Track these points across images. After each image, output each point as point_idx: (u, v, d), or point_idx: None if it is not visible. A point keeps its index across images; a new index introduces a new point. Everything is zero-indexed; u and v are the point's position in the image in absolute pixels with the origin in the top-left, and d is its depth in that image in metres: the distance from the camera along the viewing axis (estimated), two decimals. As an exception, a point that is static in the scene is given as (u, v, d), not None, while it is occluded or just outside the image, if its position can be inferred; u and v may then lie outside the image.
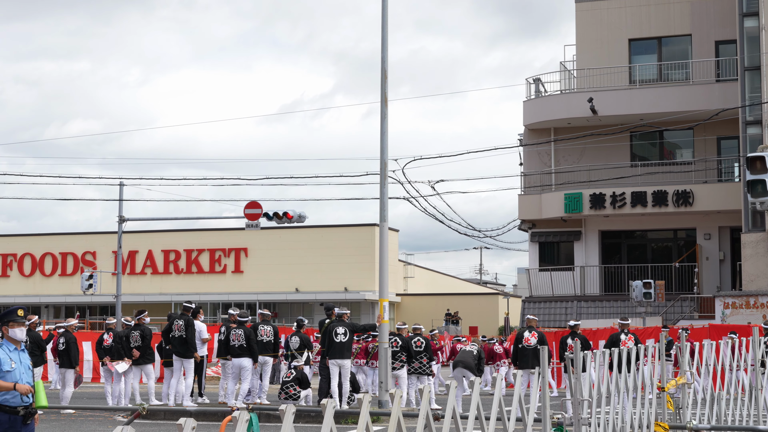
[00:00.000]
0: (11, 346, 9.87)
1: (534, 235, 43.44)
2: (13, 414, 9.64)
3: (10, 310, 9.98)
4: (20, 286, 67.25)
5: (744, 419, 11.29)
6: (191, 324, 21.89)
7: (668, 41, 42.59)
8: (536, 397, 7.26)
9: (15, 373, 9.69)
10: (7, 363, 9.69)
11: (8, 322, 9.90)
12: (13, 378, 9.64)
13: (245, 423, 3.84)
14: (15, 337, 9.90)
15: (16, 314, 9.96)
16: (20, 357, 9.89)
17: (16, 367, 9.74)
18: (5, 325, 9.92)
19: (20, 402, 9.69)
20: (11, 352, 9.84)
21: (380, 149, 21.49)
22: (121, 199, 37.92)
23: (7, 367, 9.67)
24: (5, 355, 9.77)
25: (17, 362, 9.79)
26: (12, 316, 9.93)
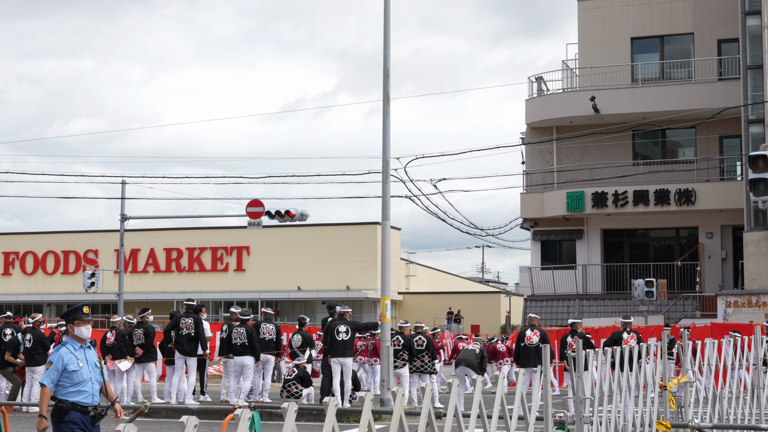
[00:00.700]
0: (76, 345, 9.60)
1: (536, 234, 43.43)
2: (84, 414, 9.43)
3: (76, 307, 9.68)
4: (22, 284, 67.30)
5: (746, 418, 11.29)
6: (200, 322, 21.91)
7: (670, 40, 42.56)
8: (538, 395, 7.26)
9: (82, 372, 9.43)
10: (73, 362, 9.42)
11: (74, 320, 9.60)
12: (79, 377, 9.39)
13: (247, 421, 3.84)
14: (81, 335, 9.61)
15: (82, 311, 9.65)
16: (86, 355, 9.61)
17: (83, 366, 9.47)
18: (70, 323, 9.62)
19: (91, 402, 9.49)
20: (77, 350, 9.57)
21: (382, 148, 21.49)
22: (123, 197, 37.95)
23: (73, 367, 9.41)
24: (70, 354, 9.49)
25: (83, 361, 9.51)
26: (78, 314, 9.63)
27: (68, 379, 9.38)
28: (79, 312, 9.62)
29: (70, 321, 9.60)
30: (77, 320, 9.57)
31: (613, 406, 8.23)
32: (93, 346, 9.91)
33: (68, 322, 9.62)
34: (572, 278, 41.96)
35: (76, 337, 9.60)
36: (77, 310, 9.63)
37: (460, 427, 5.07)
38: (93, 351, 9.73)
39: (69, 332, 9.63)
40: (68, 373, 9.36)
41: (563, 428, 8.72)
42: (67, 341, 9.58)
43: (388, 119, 21.51)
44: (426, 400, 4.63)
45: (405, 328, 23.89)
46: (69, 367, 9.36)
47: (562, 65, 43.77)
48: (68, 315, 9.65)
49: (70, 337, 9.61)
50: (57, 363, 9.36)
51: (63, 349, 9.49)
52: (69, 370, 9.36)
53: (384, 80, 21.58)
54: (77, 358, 9.46)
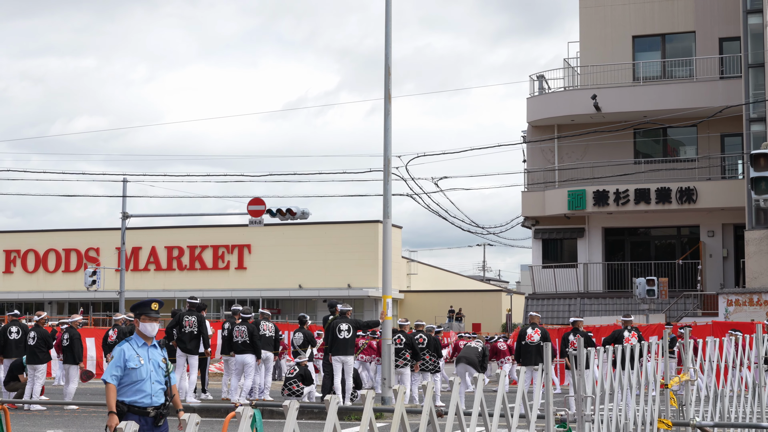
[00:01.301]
0: (140, 341, 9.09)
1: (537, 232, 43.43)
2: (143, 415, 8.93)
3: (144, 302, 9.18)
4: (24, 282, 67.34)
5: (747, 416, 11.30)
6: (203, 320, 21.90)
7: (672, 38, 42.54)
8: (539, 393, 7.26)
9: (141, 370, 8.92)
10: (133, 359, 8.92)
11: (140, 315, 9.10)
12: (139, 376, 8.90)
13: (248, 419, 3.84)
14: (146, 332, 9.10)
15: (150, 307, 9.14)
16: (149, 353, 9.08)
17: (144, 365, 8.96)
18: (137, 317, 9.12)
19: (150, 402, 8.97)
20: (140, 347, 9.06)
21: (384, 146, 21.49)
22: (124, 195, 37.97)
23: (133, 364, 8.91)
24: (132, 351, 9.00)
25: (146, 359, 9.00)
26: (145, 309, 9.12)
27: (127, 376, 8.95)
28: (146, 307, 9.13)
29: (137, 316, 9.13)
30: (144, 316, 9.09)
31: (614, 405, 8.23)
32: (160, 345, 9.31)
33: (135, 316, 9.16)
34: (573, 277, 41.96)
35: (141, 334, 9.11)
36: (145, 305, 9.15)
37: (461, 426, 5.07)
38: (158, 350, 9.21)
39: (135, 328, 9.15)
40: (127, 370, 8.93)
41: (565, 426, 8.72)
42: (132, 337, 9.14)
43: (390, 117, 21.51)
44: (427, 398, 4.63)
45: (405, 326, 23.89)
46: (129, 363, 8.91)
47: (563, 63, 43.77)
48: (135, 309, 9.19)
49: (136, 333, 9.15)
50: (118, 359, 8.93)
51: (126, 345, 9.04)
52: (128, 367, 8.92)
53: (385, 78, 21.57)
54: (139, 355, 8.99)
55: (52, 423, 18.23)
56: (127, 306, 40.03)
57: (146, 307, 9.09)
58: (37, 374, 21.49)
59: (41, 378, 21.59)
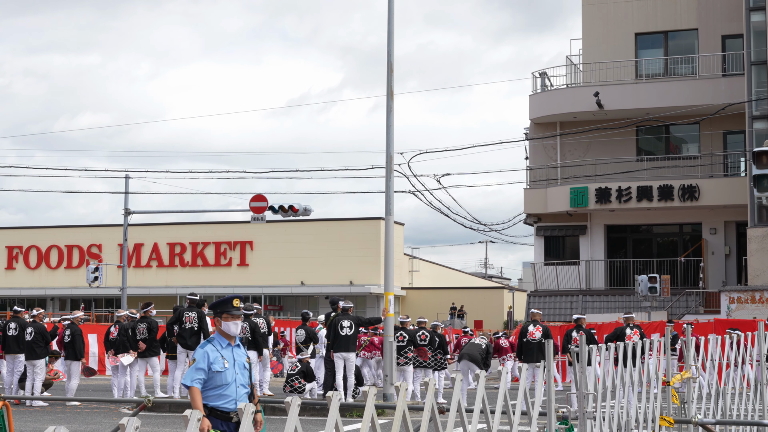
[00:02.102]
0: (224, 342, 8.48)
1: (539, 229, 43.42)
2: (226, 420, 8.35)
3: (225, 299, 8.63)
4: (26, 279, 67.40)
5: (749, 414, 11.30)
6: (203, 316, 21.95)
7: (675, 35, 42.51)
8: (541, 390, 7.26)
9: (227, 374, 8.32)
10: (218, 362, 8.31)
11: (221, 313, 8.50)
12: (224, 380, 8.29)
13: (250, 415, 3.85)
14: (229, 332, 8.48)
15: (232, 304, 8.57)
16: (234, 354, 8.49)
17: (230, 368, 8.36)
18: (218, 316, 8.53)
19: (234, 407, 8.34)
20: (223, 348, 8.45)
21: (386, 143, 21.49)
22: (126, 191, 37.98)
23: (218, 367, 8.30)
24: (216, 352, 8.39)
25: (231, 361, 8.40)
26: (227, 307, 8.54)
27: (210, 380, 8.32)
28: (228, 305, 8.55)
29: (218, 314, 8.53)
30: (225, 314, 8.49)
31: (616, 402, 8.24)
32: (242, 344, 8.75)
33: (216, 315, 8.56)
34: (575, 274, 41.95)
35: (224, 333, 8.50)
36: (227, 302, 8.59)
37: (463, 422, 5.07)
38: (242, 350, 8.62)
39: (216, 327, 8.57)
40: (211, 374, 8.30)
41: (566, 423, 8.72)
42: (214, 337, 8.52)
43: (392, 114, 21.51)
44: (429, 395, 4.63)
45: (406, 323, 23.90)
46: (213, 366, 8.30)
47: (566, 61, 43.74)
48: (216, 307, 8.60)
49: (218, 332, 8.55)
50: (201, 361, 8.32)
51: (209, 346, 8.42)
52: (213, 371, 8.30)
53: (388, 75, 21.57)
54: (223, 357, 8.39)
55: (54, 419, 18.26)
56: (130, 303, 40.03)
57: (228, 305, 8.56)
58: (36, 370, 21.51)
59: (41, 374, 21.61)
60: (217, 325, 8.54)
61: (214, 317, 8.55)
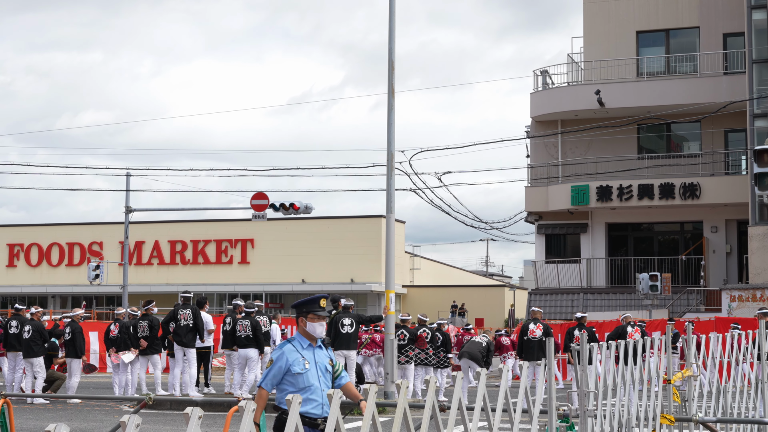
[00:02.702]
0: (305, 342, 8.09)
1: (540, 227, 43.41)
2: (313, 427, 7.95)
3: (312, 299, 8.24)
4: (27, 276, 67.40)
5: (750, 412, 11.30)
6: (198, 313, 22.02)
7: (676, 33, 42.49)
8: (542, 388, 7.27)
9: (309, 375, 7.94)
10: (299, 363, 7.93)
11: (307, 313, 8.10)
12: (306, 381, 7.92)
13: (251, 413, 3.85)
14: (314, 333, 8.09)
15: (319, 305, 8.17)
16: (316, 355, 8.08)
17: (310, 369, 7.98)
18: (302, 315, 8.12)
19: (321, 413, 7.97)
20: (304, 349, 8.06)
21: (387, 140, 21.49)
22: (128, 189, 37.98)
23: (298, 369, 7.92)
24: (296, 353, 8.00)
25: (311, 362, 8.02)
26: (313, 307, 8.14)
27: (292, 383, 7.95)
28: (315, 305, 8.15)
29: (303, 314, 8.13)
30: (312, 314, 8.09)
31: (617, 400, 8.24)
32: (325, 345, 8.32)
33: (300, 314, 8.16)
34: (576, 272, 41.94)
35: (306, 334, 8.10)
36: (313, 302, 8.18)
37: (464, 420, 5.07)
38: (324, 351, 8.20)
39: (299, 327, 8.19)
40: (292, 376, 7.93)
41: (567, 421, 8.72)
42: (294, 337, 8.16)
43: (393, 112, 21.51)
44: (430, 393, 4.63)
45: (407, 321, 23.90)
46: (293, 368, 7.92)
47: (567, 59, 43.72)
48: (301, 307, 8.20)
49: (299, 332, 8.16)
50: (279, 362, 7.98)
51: (288, 346, 8.05)
52: (293, 373, 7.92)
53: (389, 73, 21.57)
54: (304, 358, 7.99)
55: (55, 417, 18.27)
56: (131, 300, 40.02)
57: (315, 305, 8.16)
58: (35, 368, 21.52)
59: (41, 372, 21.62)
60: (299, 325, 8.17)
61: (297, 317, 8.20)
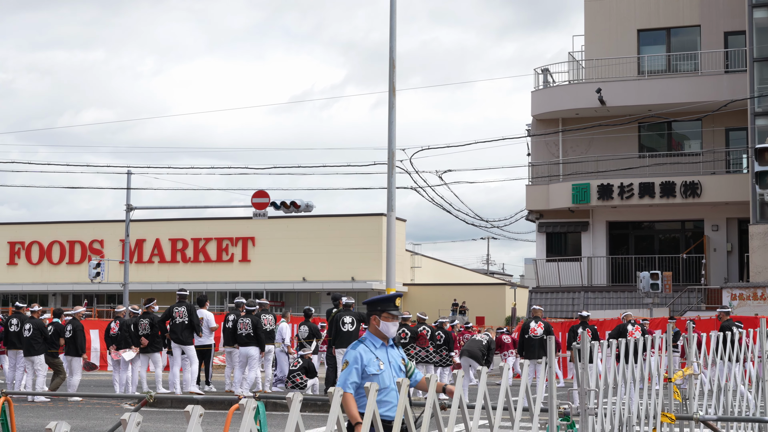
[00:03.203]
0: (377, 342, 7.71)
1: (541, 226, 43.41)
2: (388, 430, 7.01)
3: (387, 297, 7.90)
4: (28, 274, 67.44)
5: (751, 411, 11.30)
6: (193, 310, 22.07)
7: (677, 32, 42.47)
8: (543, 387, 7.26)
9: (384, 376, 7.55)
10: (373, 364, 7.55)
11: (382, 312, 7.74)
12: (382, 383, 7.50)
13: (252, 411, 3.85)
14: (387, 332, 7.74)
15: (394, 303, 7.82)
16: (389, 355, 7.71)
17: (385, 369, 7.59)
18: (376, 314, 7.76)
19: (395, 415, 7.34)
20: (377, 349, 7.68)
21: (388, 139, 21.50)
22: (128, 187, 37.98)
23: (373, 369, 7.52)
24: (370, 353, 7.63)
25: (386, 363, 7.65)
26: (387, 306, 7.78)
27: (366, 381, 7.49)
28: (390, 303, 7.80)
29: (377, 312, 7.77)
30: (386, 313, 7.74)
31: (617, 398, 8.24)
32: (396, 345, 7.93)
33: (373, 313, 7.80)
34: (577, 270, 41.94)
35: (379, 333, 7.74)
36: (388, 300, 7.84)
37: (464, 418, 5.08)
38: (396, 350, 7.85)
39: (370, 326, 7.84)
40: (367, 377, 7.53)
41: (568, 420, 8.72)
42: (366, 337, 7.78)
43: (394, 110, 21.51)
44: (431, 391, 4.63)
45: (408, 320, 23.90)
46: (369, 369, 7.54)
47: (568, 57, 43.70)
48: (375, 305, 7.83)
49: (370, 332, 7.80)
50: (354, 363, 7.58)
51: (361, 347, 7.68)
52: (368, 374, 7.54)
53: (390, 72, 21.57)
54: (378, 358, 7.62)
55: (56, 415, 18.27)
56: (132, 298, 40.01)
57: (389, 303, 7.81)
58: (35, 366, 21.52)
59: (42, 370, 21.62)
60: (372, 324, 7.82)
61: (370, 315, 7.82)
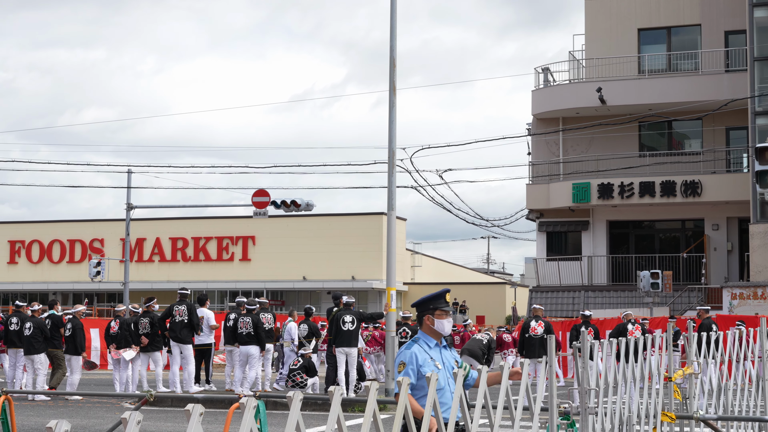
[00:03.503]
0: (431, 342, 7.30)
1: (542, 225, 43.41)
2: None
3: (438, 294, 7.46)
4: (28, 273, 67.44)
5: (751, 410, 11.30)
6: (193, 309, 22.08)
7: (677, 31, 42.46)
8: (543, 386, 7.26)
9: (439, 377, 7.01)
10: (428, 364, 7.11)
11: (434, 309, 7.34)
12: (437, 385, 6.57)
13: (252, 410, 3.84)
14: (442, 330, 7.33)
15: (445, 300, 7.42)
16: (443, 356, 7.28)
17: (441, 370, 7.13)
18: (429, 313, 7.35)
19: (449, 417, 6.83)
20: (431, 349, 7.25)
21: (388, 138, 21.48)
22: (129, 186, 37.96)
23: (428, 370, 7.06)
24: (425, 353, 7.19)
25: (441, 363, 7.20)
26: (440, 303, 7.38)
27: (422, 386, 7.07)
28: (441, 300, 7.40)
29: (429, 311, 7.37)
30: (439, 310, 7.35)
31: (618, 397, 8.24)
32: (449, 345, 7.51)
33: (425, 312, 7.39)
34: (578, 269, 41.94)
35: (433, 332, 7.34)
36: (439, 297, 7.42)
37: (465, 417, 5.08)
38: (449, 351, 7.42)
39: (423, 325, 7.39)
40: (422, 378, 7.08)
41: (568, 419, 8.72)
42: (419, 337, 7.35)
43: (394, 109, 21.50)
44: (431, 390, 4.63)
45: (408, 319, 23.92)
46: (423, 370, 7.10)
47: (568, 56, 43.69)
48: (427, 303, 7.43)
49: (423, 331, 7.38)
50: (410, 363, 7.16)
51: (415, 347, 7.25)
52: (423, 375, 7.08)
53: (390, 70, 21.55)
54: (433, 359, 7.18)
55: (56, 413, 18.28)
56: (132, 297, 40.00)
57: (441, 300, 7.41)
58: (36, 365, 21.52)
59: (42, 369, 21.62)
60: (425, 324, 7.39)
61: (422, 315, 7.41)
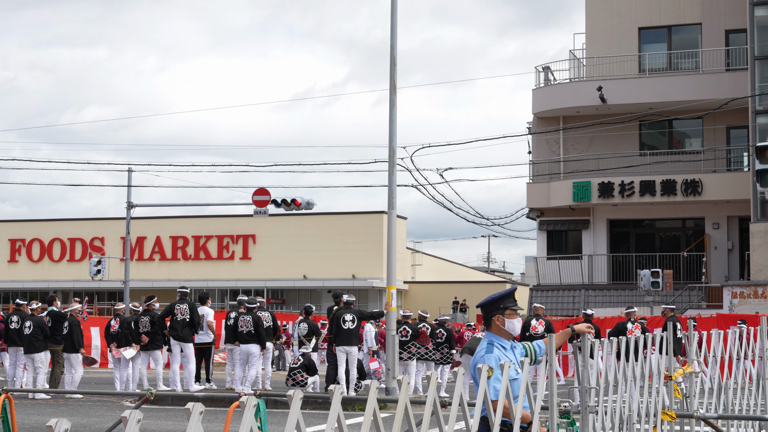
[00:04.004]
0: (506, 343, 6.93)
1: (542, 224, 43.41)
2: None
3: (507, 293, 7.11)
4: (29, 272, 67.43)
5: (751, 409, 11.30)
6: (194, 308, 22.09)
7: (678, 30, 42.44)
8: (543, 384, 7.26)
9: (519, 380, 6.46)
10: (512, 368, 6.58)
11: (504, 309, 6.97)
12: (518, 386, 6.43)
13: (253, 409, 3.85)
14: (513, 330, 6.97)
15: (514, 298, 7.09)
16: (516, 357, 6.91)
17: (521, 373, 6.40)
18: (499, 313, 6.97)
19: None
20: (507, 351, 6.88)
21: (388, 137, 21.48)
22: (129, 185, 37.96)
23: (512, 373, 6.51)
24: (503, 355, 6.79)
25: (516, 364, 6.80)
26: (509, 302, 7.02)
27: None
28: (511, 299, 7.05)
29: (499, 311, 7.00)
30: (509, 310, 6.99)
31: (618, 396, 8.24)
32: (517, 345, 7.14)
33: (495, 312, 7.01)
34: (578, 268, 41.94)
35: (504, 332, 6.97)
36: (509, 296, 7.07)
37: (465, 416, 5.08)
38: (519, 349, 7.06)
39: (493, 326, 7.01)
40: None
41: (568, 417, 8.72)
42: (493, 339, 6.95)
43: (395, 108, 21.49)
44: (431, 389, 4.63)
45: (409, 317, 23.92)
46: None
47: (569, 55, 43.69)
48: (497, 303, 7.06)
49: (492, 332, 7.01)
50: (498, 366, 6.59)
51: (496, 351, 6.84)
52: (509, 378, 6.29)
53: (390, 69, 21.55)
54: (512, 362, 6.70)
55: (57, 412, 18.29)
56: (133, 296, 40.01)
57: (511, 299, 7.07)
58: (36, 364, 21.52)
59: (43, 367, 21.62)
60: (495, 324, 7.02)
61: (491, 314, 7.04)
